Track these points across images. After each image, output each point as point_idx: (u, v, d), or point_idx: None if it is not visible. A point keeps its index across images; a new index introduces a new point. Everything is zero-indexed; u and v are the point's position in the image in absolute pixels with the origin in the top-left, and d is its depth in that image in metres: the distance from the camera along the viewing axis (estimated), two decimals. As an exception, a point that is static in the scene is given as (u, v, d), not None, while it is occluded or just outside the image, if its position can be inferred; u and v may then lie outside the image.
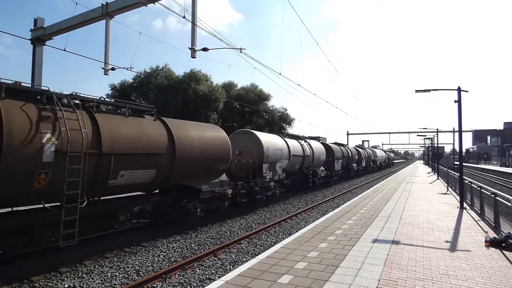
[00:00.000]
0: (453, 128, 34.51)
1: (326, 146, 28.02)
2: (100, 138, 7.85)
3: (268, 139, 16.79)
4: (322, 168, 25.41)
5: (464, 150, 28.60)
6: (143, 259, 8.25)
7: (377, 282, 5.46)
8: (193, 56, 12.00)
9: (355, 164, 37.86)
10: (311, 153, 22.50)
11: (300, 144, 21.40)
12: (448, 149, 75.90)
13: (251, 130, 17.05)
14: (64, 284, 6.64)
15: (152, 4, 12.99)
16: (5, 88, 6.55)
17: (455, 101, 13.73)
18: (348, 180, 34.00)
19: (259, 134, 16.53)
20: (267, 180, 16.31)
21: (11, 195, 6.65)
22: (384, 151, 77.72)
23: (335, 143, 33.51)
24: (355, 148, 41.40)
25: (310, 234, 8.86)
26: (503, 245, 7.72)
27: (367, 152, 47.72)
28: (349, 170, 35.36)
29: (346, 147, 35.66)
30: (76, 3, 12.27)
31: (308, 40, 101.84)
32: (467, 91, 13.74)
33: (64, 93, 7.80)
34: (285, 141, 19.06)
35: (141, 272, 7.47)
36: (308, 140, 23.98)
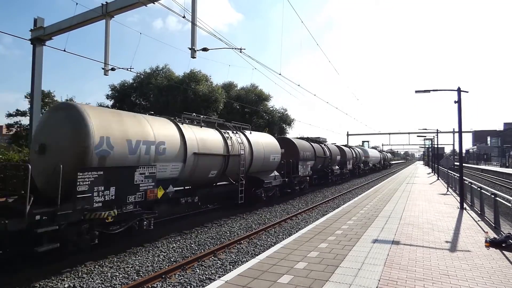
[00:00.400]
0: (453, 129, 34.31)
1: (283, 141, 20.06)
2: None
3: (109, 123, 8.47)
4: (274, 173, 17.14)
5: (464, 151, 28.58)
6: (143, 259, 8.25)
7: (377, 282, 5.46)
8: (193, 56, 11.98)
9: (337, 167, 30.27)
10: (246, 151, 14.36)
11: (223, 136, 13.18)
12: (448, 149, 75.83)
13: (74, 103, 8.63)
14: (64, 284, 6.65)
15: (152, 4, 12.97)
16: None
17: (455, 102, 13.76)
18: (323, 187, 26.26)
19: (89, 109, 8.40)
20: (94, 206, 7.65)
21: None
22: (380, 151, 71.90)
23: (307, 138, 25.47)
24: (337, 146, 33.27)
25: (310, 234, 8.86)
26: (503, 245, 7.73)
27: (355, 152, 39.33)
28: (327, 175, 27.60)
29: (322, 145, 27.42)
30: (76, 3, 12.29)
31: (308, 40, 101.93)
32: (467, 92, 13.76)
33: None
34: (179, 128, 10.95)
35: (141, 272, 7.47)
36: (246, 131, 15.54)
